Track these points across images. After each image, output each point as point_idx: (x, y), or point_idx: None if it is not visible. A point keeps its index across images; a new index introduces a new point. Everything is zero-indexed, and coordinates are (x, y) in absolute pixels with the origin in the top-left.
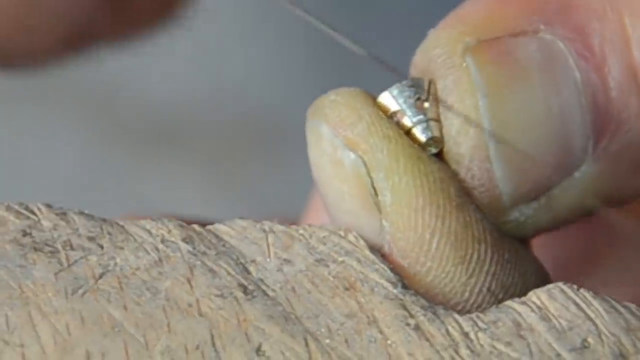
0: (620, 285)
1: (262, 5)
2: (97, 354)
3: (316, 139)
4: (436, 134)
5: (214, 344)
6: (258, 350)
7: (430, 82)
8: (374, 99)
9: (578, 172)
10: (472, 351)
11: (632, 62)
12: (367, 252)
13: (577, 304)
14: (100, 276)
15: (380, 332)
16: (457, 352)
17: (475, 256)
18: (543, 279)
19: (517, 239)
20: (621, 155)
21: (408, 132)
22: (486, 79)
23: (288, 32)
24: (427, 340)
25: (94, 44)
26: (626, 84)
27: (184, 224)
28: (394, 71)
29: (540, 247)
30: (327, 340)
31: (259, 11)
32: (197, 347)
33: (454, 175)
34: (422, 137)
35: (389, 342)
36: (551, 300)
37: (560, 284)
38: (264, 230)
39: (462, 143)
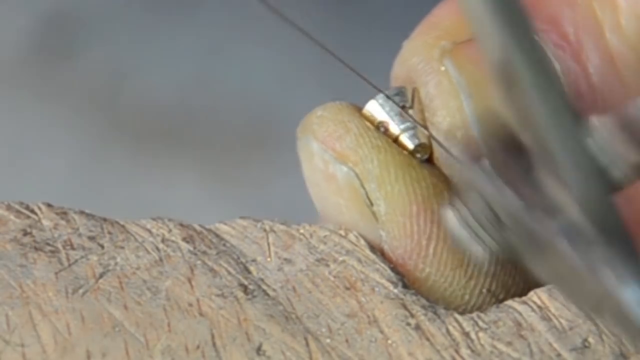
0: None
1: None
2: (97, 354)
3: (307, 156)
4: (423, 140)
5: (214, 344)
6: (258, 349)
7: (414, 90)
8: (360, 110)
9: None
10: (472, 351)
11: (607, 46)
12: (368, 251)
13: None
14: (101, 276)
15: (381, 331)
16: (457, 351)
17: None
18: None
19: None
20: None
21: (395, 140)
22: (467, 79)
23: (288, 33)
24: (428, 339)
25: None
26: (605, 69)
27: (185, 223)
28: (373, 85)
29: None
30: (328, 340)
31: (260, 12)
32: (198, 347)
33: (447, 179)
34: (409, 145)
35: (389, 341)
36: (552, 299)
37: None
38: (265, 230)
39: (451, 147)
